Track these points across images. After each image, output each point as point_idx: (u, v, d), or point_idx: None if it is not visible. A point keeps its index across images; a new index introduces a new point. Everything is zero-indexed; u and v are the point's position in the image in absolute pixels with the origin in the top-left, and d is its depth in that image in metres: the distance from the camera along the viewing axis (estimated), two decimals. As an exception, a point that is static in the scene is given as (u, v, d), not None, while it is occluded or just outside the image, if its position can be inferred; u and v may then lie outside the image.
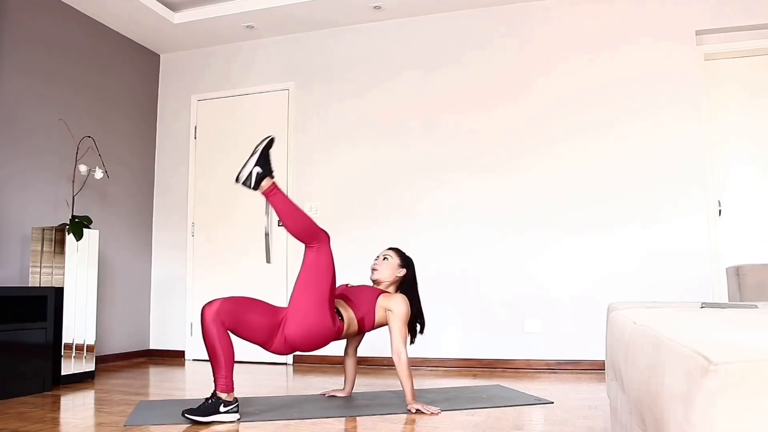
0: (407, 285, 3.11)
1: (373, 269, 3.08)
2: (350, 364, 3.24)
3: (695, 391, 0.64)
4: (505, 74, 4.55)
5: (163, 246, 5.27)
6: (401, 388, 2.87)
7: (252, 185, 2.70)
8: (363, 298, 2.95)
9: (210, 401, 2.55)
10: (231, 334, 2.59)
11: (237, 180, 2.73)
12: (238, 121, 5.19)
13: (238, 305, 2.60)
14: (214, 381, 2.55)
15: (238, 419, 2.56)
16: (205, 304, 2.59)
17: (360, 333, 3.01)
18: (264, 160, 2.75)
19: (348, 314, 2.88)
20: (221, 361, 2.53)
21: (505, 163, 4.47)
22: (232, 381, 2.57)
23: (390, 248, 3.18)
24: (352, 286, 3.06)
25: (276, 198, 2.74)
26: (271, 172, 2.78)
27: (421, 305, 3.11)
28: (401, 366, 2.79)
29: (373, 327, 2.96)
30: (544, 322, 4.26)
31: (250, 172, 2.70)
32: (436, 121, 4.65)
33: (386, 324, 2.92)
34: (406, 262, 3.14)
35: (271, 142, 2.79)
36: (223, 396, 2.55)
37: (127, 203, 5.01)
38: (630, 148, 4.24)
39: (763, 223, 4.08)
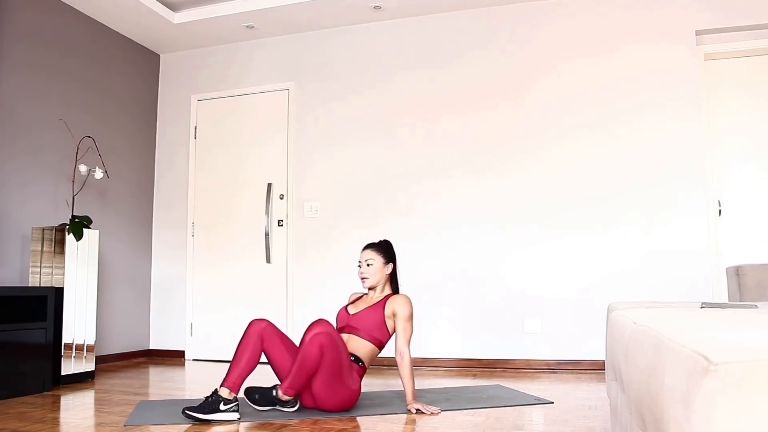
0: (395, 276, 3.07)
1: (363, 278, 2.98)
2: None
3: (695, 391, 0.64)
4: (505, 74, 4.55)
5: (163, 246, 5.27)
6: (402, 388, 2.87)
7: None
8: (369, 322, 2.89)
9: (210, 399, 2.55)
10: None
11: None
12: (238, 121, 5.19)
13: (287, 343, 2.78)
14: (225, 376, 2.57)
15: (239, 419, 2.56)
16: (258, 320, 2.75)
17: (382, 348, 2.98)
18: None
19: (364, 350, 2.85)
20: (242, 363, 2.61)
21: (504, 162, 4.47)
22: (242, 383, 2.59)
23: (367, 248, 3.03)
24: (354, 314, 2.95)
25: (294, 389, 2.63)
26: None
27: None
28: (404, 366, 2.79)
29: (390, 337, 2.94)
30: (544, 322, 4.26)
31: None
32: (436, 121, 4.65)
33: None
34: (388, 255, 3.03)
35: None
36: (224, 394, 2.55)
37: (127, 203, 5.01)
38: (630, 148, 4.24)
39: (763, 223, 4.08)
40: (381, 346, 2.93)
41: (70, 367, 3.71)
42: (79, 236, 3.78)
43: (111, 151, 4.77)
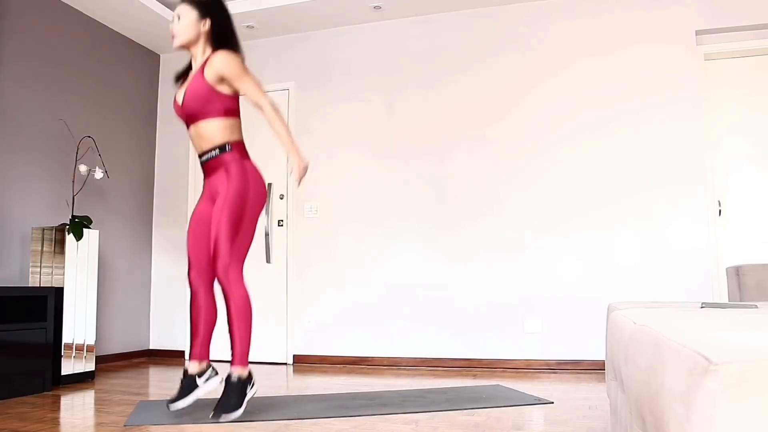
0: (221, 35, 2.56)
1: (172, 36, 2.53)
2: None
3: (695, 391, 0.64)
4: (506, 75, 4.55)
5: (163, 246, 5.27)
6: (399, 388, 2.85)
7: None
8: (201, 96, 2.49)
9: (184, 381, 2.53)
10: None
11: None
12: (238, 121, 5.18)
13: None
14: (190, 351, 2.56)
15: (221, 381, 2.53)
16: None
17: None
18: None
19: (218, 130, 2.52)
20: (200, 328, 2.56)
21: (504, 163, 4.47)
22: (208, 348, 2.55)
23: (182, 1, 2.55)
24: (182, 101, 2.59)
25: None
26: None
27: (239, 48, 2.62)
28: (269, 114, 2.42)
29: (237, 99, 2.53)
30: (544, 322, 4.26)
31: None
32: (436, 121, 4.65)
33: (229, 93, 2.50)
34: (206, 9, 2.54)
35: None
36: (194, 369, 2.52)
37: (127, 203, 5.01)
38: (630, 149, 4.24)
39: (763, 223, 4.08)
40: (231, 113, 2.54)
41: (70, 367, 3.71)
42: (79, 236, 3.78)
43: (111, 151, 4.77)
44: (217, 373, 2.56)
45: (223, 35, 2.57)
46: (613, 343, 1.56)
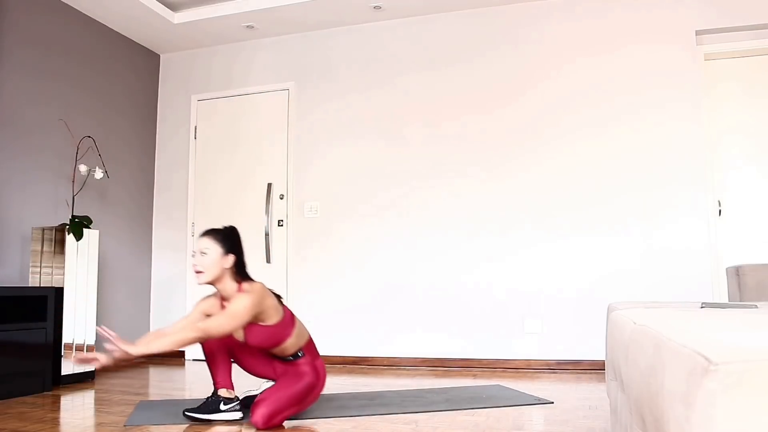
0: (240, 269, 2.56)
1: (197, 272, 2.49)
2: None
3: (695, 391, 0.64)
4: (505, 74, 4.55)
5: (163, 246, 5.27)
6: (393, 388, 2.85)
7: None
8: (257, 338, 2.51)
9: (210, 399, 2.55)
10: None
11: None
12: (238, 121, 5.19)
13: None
14: (214, 379, 2.58)
15: (242, 418, 2.55)
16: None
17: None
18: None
19: (286, 351, 2.60)
20: (217, 360, 2.59)
21: (504, 163, 4.47)
22: (231, 380, 2.59)
23: (204, 234, 2.55)
24: (241, 341, 2.60)
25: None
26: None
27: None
28: (188, 334, 2.29)
29: (283, 327, 2.54)
30: (544, 322, 4.26)
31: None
32: (435, 121, 4.65)
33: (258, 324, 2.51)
34: (230, 243, 2.55)
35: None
36: (224, 393, 2.55)
37: (127, 203, 5.01)
38: (630, 148, 4.24)
39: (763, 223, 4.08)
40: (279, 341, 2.53)
41: (70, 367, 3.71)
42: (79, 236, 3.78)
43: (111, 151, 4.77)
44: (240, 411, 2.57)
45: (242, 266, 2.59)
46: (613, 343, 1.56)
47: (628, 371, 1.17)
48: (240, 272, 2.56)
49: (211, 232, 2.56)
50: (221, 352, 2.62)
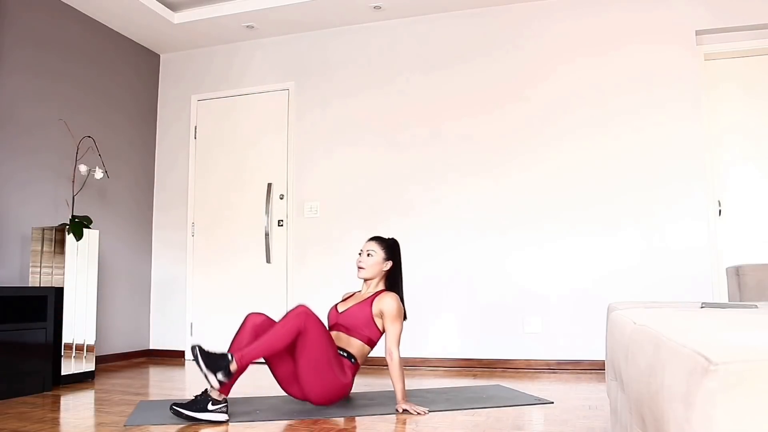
0: (393, 276, 3.00)
1: (359, 267, 2.97)
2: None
3: (695, 391, 0.64)
4: (505, 74, 4.55)
5: (163, 246, 5.27)
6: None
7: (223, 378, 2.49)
8: (359, 319, 2.87)
9: (199, 397, 2.54)
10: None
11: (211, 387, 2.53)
12: (238, 121, 5.19)
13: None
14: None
15: (227, 420, 2.54)
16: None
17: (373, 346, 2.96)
18: (209, 360, 2.51)
19: (355, 347, 2.86)
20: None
21: (504, 163, 4.47)
22: (233, 384, 2.58)
23: (372, 239, 3.02)
24: (343, 311, 2.95)
25: (250, 358, 2.55)
26: (220, 361, 2.52)
27: (402, 292, 3.01)
28: (393, 366, 2.77)
29: (381, 334, 2.92)
30: (544, 322, 4.26)
31: (215, 376, 2.48)
32: (435, 121, 4.65)
33: None
34: (392, 252, 3.00)
35: (195, 349, 2.53)
36: (214, 394, 2.54)
37: (127, 203, 5.01)
38: (630, 148, 4.24)
39: (763, 223, 4.08)
40: (371, 343, 2.90)
41: (70, 367, 3.71)
42: (79, 236, 3.78)
43: (111, 151, 4.77)
44: (227, 413, 2.57)
45: (396, 276, 3.00)
46: (613, 343, 1.56)
47: (628, 371, 1.17)
48: (391, 280, 2.98)
49: (378, 239, 3.01)
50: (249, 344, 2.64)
